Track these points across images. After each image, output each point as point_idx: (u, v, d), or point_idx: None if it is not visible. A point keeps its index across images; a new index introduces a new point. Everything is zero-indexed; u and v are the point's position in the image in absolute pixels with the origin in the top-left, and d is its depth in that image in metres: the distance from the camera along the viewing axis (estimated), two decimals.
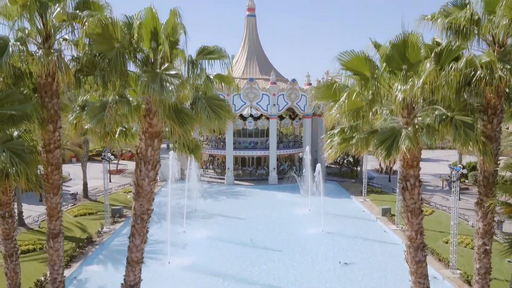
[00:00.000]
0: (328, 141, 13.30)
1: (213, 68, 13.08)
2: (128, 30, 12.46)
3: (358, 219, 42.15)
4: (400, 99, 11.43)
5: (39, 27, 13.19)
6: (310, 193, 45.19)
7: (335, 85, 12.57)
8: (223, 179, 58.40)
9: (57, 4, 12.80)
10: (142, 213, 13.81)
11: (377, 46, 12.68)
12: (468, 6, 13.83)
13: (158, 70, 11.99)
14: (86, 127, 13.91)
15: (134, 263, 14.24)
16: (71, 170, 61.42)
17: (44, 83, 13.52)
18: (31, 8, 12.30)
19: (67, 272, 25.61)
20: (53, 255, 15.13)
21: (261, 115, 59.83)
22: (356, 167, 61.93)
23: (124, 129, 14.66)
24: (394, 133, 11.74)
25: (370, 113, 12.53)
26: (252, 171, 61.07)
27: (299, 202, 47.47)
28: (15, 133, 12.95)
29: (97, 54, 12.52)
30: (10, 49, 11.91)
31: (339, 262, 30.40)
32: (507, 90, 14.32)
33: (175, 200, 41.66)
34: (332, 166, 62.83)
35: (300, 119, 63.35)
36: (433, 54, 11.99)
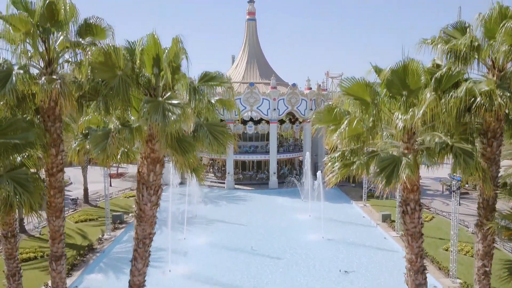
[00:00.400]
0: (329, 164, 13.40)
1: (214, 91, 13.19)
2: (131, 57, 12.55)
3: (358, 225, 42.22)
4: (400, 128, 11.53)
5: (41, 50, 13.27)
6: (310, 198, 45.33)
7: (335, 110, 12.69)
8: (224, 183, 58.50)
9: (60, 32, 12.88)
10: (144, 237, 13.91)
11: (377, 71, 12.78)
12: (468, 29, 13.91)
13: (160, 99, 12.08)
14: (87, 147, 13.96)
15: (136, 287, 14.34)
16: (71, 173, 61.40)
17: (47, 107, 13.63)
18: (34, 36, 12.41)
19: (68, 281, 25.67)
20: (55, 277, 15.23)
21: (261, 119, 59.94)
22: None
23: (126, 150, 14.74)
24: (394, 161, 11.83)
25: (370, 137, 12.63)
26: (252, 175, 61.17)
27: (299, 207, 47.56)
28: (18, 159, 13.04)
29: (100, 81, 12.60)
30: (14, 77, 12.02)
31: (339, 271, 30.50)
32: (507, 111, 14.38)
33: (175, 205, 41.73)
34: None
35: (300, 123, 63.39)
36: (433, 80, 12.08)
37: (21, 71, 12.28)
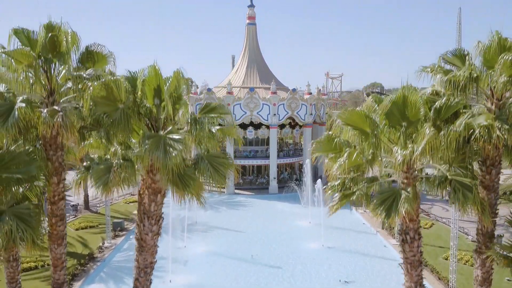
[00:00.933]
0: (329, 192, 13.51)
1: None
2: (132, 88, 12.62)
3: (358, 233, 42.26)
4: (399, 161, 11.62)
5: (44, 82, 13.35)
6: (310, 203, 45.42)
7: (335, 140, 12.79)
8: (224, 188, 58.50)
9: (62, 66, 12.95)
10: (145, 266, 14.01)
11: (378, 100, 12.88)
12: (467, 57, 13.98)
13: (161, 133, 12.16)
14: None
15: None
16: (72, 178, 61.41)
17: (49, 136, 13.70)
18: (36, 68, 12.48)
19: None
20: None
21: (261, 123, 60.00)
22: None
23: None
24: (394, 193, 11.94)
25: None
26: (252, 180, 61.26)
27: (299, 213, 47.63)
28: (20, 190, 13.11)
29: (102, 114, 12.68)
30: (16, 112, 12.09)
31: (339, 281, 30.60)
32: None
33: (175, 211, 41.74)
34: None
35: (300, 127, 63.45)
36: (432, 110, 12.17)
37: (23, 105, 12.36)
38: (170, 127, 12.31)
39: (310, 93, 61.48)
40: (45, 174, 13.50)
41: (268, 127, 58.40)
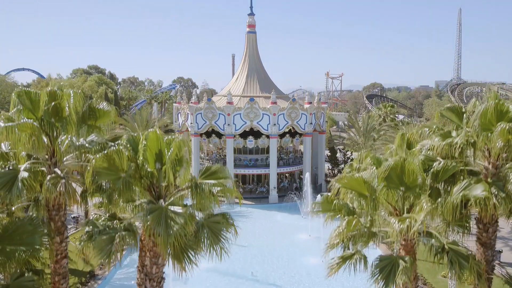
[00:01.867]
0: (329, 249, 13.71)
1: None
2: (134, 152, 12.74)
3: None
4: (397, 231, 11.81)
5: (46, 142, 13.50)
6: (310, 215, 45.54)
7: (334, 201, 13.00)
8: (223, 197, 58.46)
9: (65, 135, 13.09)
10: None
11: (376, 163, 13.04)
12: (464, 114, 14.14)
13: (162, 203, 12.31)
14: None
15: None
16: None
17: (51, 199, 13.88)
18: (39, 138, 12.63)
19: None
20: None
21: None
22: None
23: None
24: (392, 261, 12.15)
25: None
26: (252, 189, 61.40)
27: (299, 225, 47.73)
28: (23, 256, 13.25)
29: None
30: (20, 183, 12.24)
31: None
32: None
33: None
34: None
35: (300, 136, 63.52)
36: (430, 174, 12.35)
37: (26, 174, 12.51)
38: (172, 198, 12.49)
39: (310, 103, 61.54)
40: (49, 233, 13.67)
41: (268, 136, 58.47)
